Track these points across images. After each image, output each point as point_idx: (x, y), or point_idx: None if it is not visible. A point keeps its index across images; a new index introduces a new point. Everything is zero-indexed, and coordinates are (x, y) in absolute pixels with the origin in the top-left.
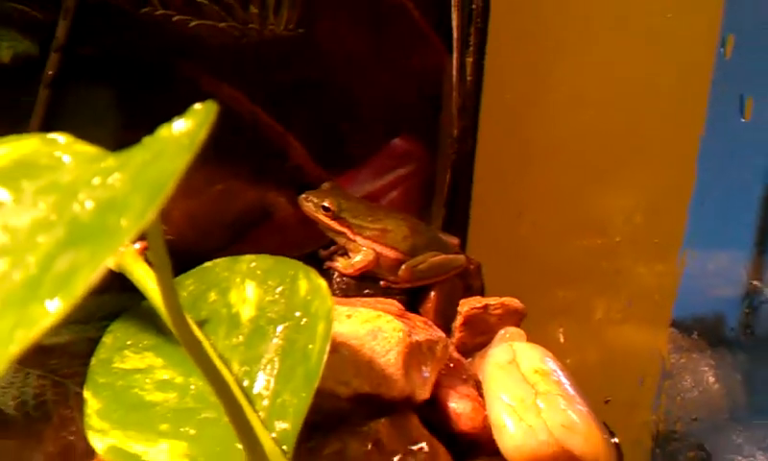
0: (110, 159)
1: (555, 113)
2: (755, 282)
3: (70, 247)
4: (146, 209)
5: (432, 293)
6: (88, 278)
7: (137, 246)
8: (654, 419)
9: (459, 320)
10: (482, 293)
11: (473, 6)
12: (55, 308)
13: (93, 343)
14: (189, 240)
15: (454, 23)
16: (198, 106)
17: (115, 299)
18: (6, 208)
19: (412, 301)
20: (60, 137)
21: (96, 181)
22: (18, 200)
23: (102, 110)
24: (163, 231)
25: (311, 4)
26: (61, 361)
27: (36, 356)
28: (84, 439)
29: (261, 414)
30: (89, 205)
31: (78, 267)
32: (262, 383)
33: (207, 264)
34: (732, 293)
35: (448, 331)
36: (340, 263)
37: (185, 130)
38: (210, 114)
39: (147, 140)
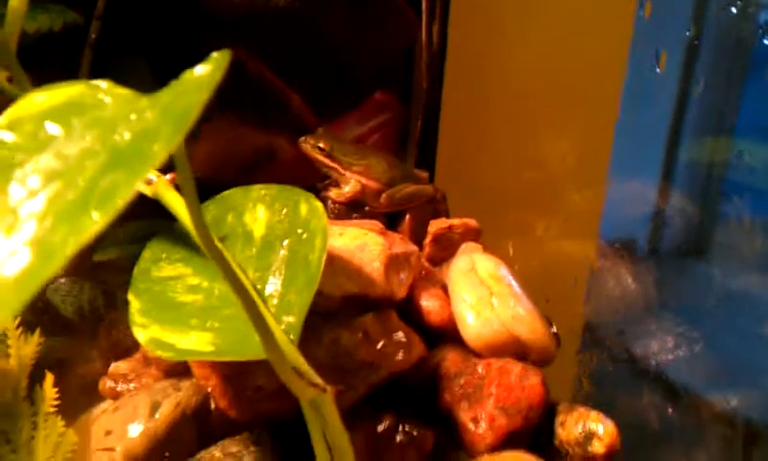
0: (144, 99)
1: (506, 70)
2: (661, 205)
3: (111, 169)
4: (174, 136)
5: (407, 216)
6: (127, 193)
7: (169, 177)
8: (584, 312)
9: (428, 237)
10: (447, 216)
11: None
12: (99, 218)
13: (135, 259)
14: (210, 176)
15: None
16: (215, 53)
17: (153, 223)
18: (59, 140)
19: (390, 223)
20: (102, 83)
21: (132, 116)
22: (68, 133)
23: (135, 68)
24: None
25: None
26: (110, 275)
27: (90, 271)
28: (130, 336)
29: (272, 310)
30: (127, 135)
31: (118, 185)
32: (272, 286)
33: (225, 193)
34: (645, 212)
35: (420, 247)
36: (333, 193)
37: (204, 72)
38: (225, 60)
39: (173, 83)
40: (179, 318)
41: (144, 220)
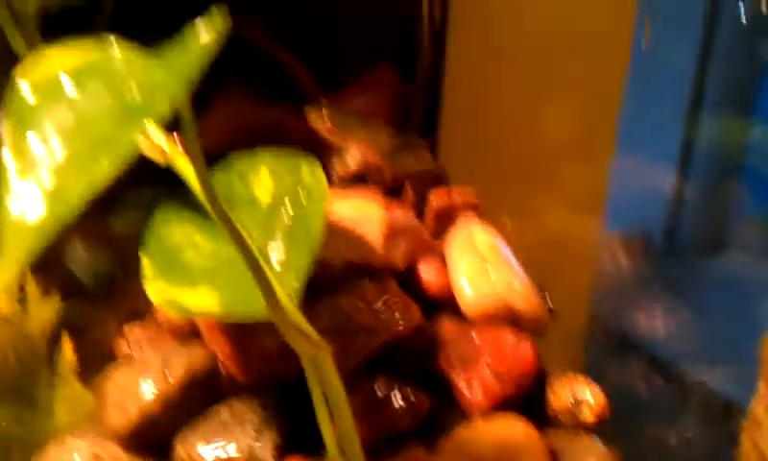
0: (151, 58)
1: (507, 46)
2: (672, 188)
3: (122, 123)
4: (178, 91)
5: (408, 189)
6: (133, 141)
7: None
8: (579, 285)
9: (429, 209)
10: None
11: None
12: (109, 165)
13: None
14: (220, 148)
15: None
16: (213, 10)
17: (168, 189)
18: (73, 96)
19: (393, 194)
20: (114, 42)
21: (142, 75)
22: (83, 89)
23: (147, 36)
24: (200, 142)
25: None
26: (126, 241)
27: (108, 239)
28: (144, 302)
29: (276, 272)
30: (136, 91)
31: (127, 136)
32: (276, 249)
33: (232, 158)
34: (654, 195)
35: (421, 218)
36: (337, 163)
37: (205, 29)
38: (223, 18)
39: (177, 39)
40: (187, 278)
41: (161, 185)
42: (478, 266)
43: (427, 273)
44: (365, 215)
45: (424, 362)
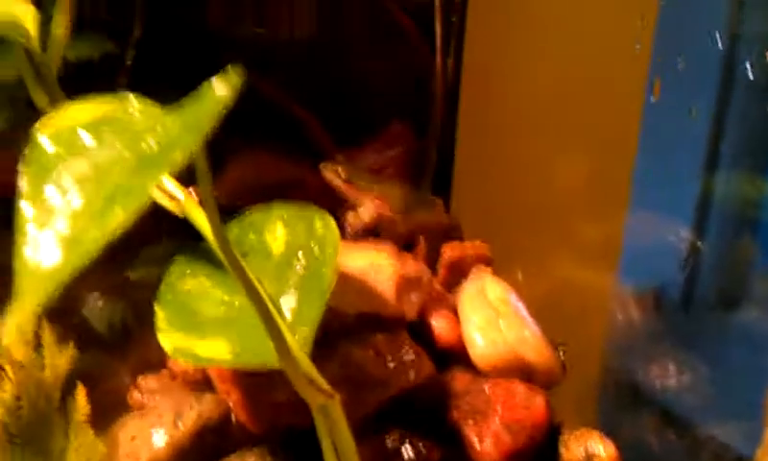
0: (168, 113)
1: (519, 99)
2: (688, 242)
3: (137, 173)
4: (192, 144)
5: (421, 242)
6: (148, 192)
7: (192, 191)
8: (596, 344)
9: (441, 262)
10: (461, 242)
11: (453, 19)
12: (123, 213)
13: None
14: (236, 201)
15: (437, 31)
16: (229, 68)
17: (182, 245)
18: (91, 148)
19: (406, 247)
20: (133, 99)
21: (158, 128)
22: (100, 142)
23: (165, 94)
24: (216, 195)
25: (326, 17)
26: (141, 293)
27: (124, 290)
28: (158, 352)
29: (287, 321)
30: (153, 143)
31: (142, 185)
32: (287, 299)
33: (247, 212)
34: (666, 249)
35: (433, 271)
36: (350, 217)
37: (221, 85)
38: (239, 75)
39: (193, 96)
40: (200, 327)
41: (176, 240)
42: (490, 318)
43: (439, 324)
44: (377, 267)
45: (435, 414)
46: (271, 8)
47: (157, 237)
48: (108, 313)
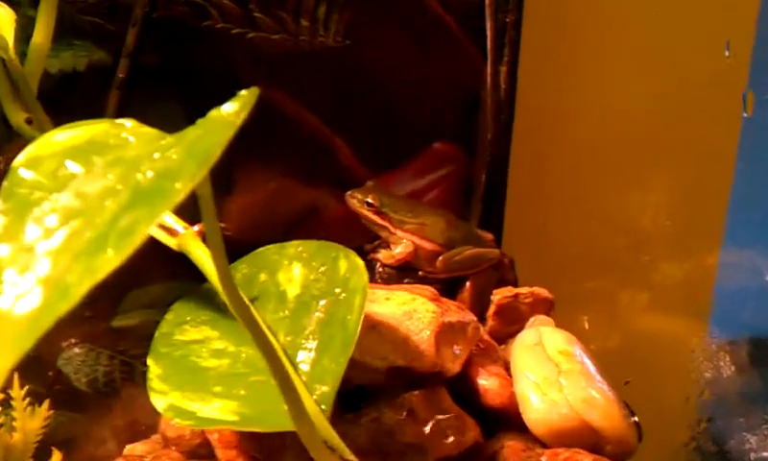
0: (169, 138)
1: (585, 114)
2: None
3: (132, 208)
4: (197, 173)
5: (467, 283)
6: (145, 230)
7: (196, 228)
8: (677, 398)
9: (492, 308)
10: (515, 284)
11: (507, 19)
12: (115, 256)
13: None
14: (245, 234)
15: (488, 34)
16: (243, 92)
17: (182, 286)
18: (79, 179)
19: (449, 291)
20: (127, 122)
21: (156, 155)
22: (89, 172)
23: (166, 112)
24: (221, 226)
25: (358, 18)
26: (130, 343)
27: (108, 338)
28: (149, 414)
29: (304, 378)
30: (150, 174)
31: (138, 222)
32: (305, 351)
33: (259, 250)
34: (765, 294)
35: (483, 320)
36: (382, 255)
37: (232, 110)
38: (252, 97)
39: (200, 121)
40: (201, 384)
41: (173, 282)
42: (549, 375)
43: (487, 381)
44: (413, 313)
45: None
46: (292, 8)
47: (148, 278)
48: (89, 367)
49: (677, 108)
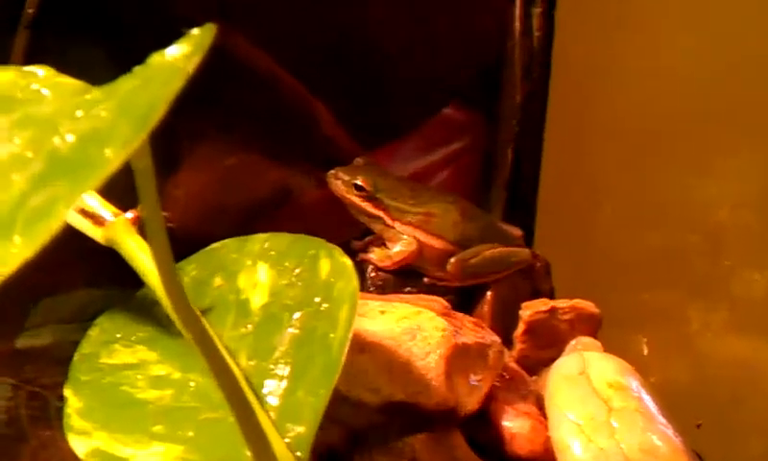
0: (96, 91)
1: (644, 78)
2: None
3: (47, 182)
4: (133, 137)
5: (488, 294)
6: (65, 211)
7: (130, 215)
8: (759, 451)
9: (521, 327)
10: (551, 296)
11: None
12: (24, 246)
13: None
14: (194, 226)
15: None
16: (194, 30)
17: (106, 294)
18: None
19: (464, 303)
20: (40, 70)
21: (79, 113)
22: None
23: (89, 58)
24: (164, 217)
25: None
26: (40, 369)
27: (9, 363)
28: (66, 458)
29: (272, 415)
30: (70, 138)
31: (54, 201)
32: (274, 380)
33: (214, 245)
34: None
35: (509, 342)
36: (375, 255)
37: (179, 54)
38: (207, 38)
39: (137, 69)
40: (136, 422)
41: (97, 288)
42: (597, 415)
43: (514, 423)
44: (416, 330)
45: None
46: None
47: (65, 281)
48: None
49: (763, 72)
